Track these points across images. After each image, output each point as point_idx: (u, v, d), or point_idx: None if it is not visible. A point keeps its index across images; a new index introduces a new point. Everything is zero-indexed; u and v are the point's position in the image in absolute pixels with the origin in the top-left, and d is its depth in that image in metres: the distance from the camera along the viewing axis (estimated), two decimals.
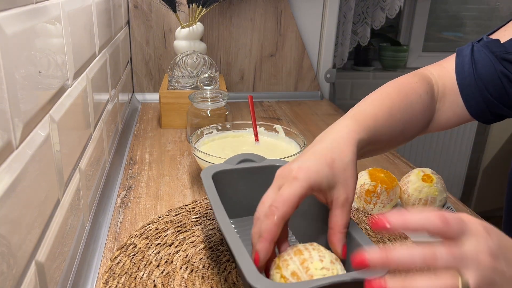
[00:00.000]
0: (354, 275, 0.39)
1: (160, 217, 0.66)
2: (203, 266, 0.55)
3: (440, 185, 0.68)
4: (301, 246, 0.44)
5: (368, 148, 0.52)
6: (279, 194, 0.42)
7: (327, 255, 0.43)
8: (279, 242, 0.46)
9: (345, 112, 0.54)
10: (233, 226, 0.60)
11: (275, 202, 0.42)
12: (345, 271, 0.43)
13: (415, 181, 0.68)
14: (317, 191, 0.44)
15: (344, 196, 0.44)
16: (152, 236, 0.61)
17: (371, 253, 0.35)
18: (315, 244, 0.44)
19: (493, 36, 0.61)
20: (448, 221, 0.36)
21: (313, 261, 0.41)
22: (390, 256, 0.35)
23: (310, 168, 0.43)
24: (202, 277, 0.53)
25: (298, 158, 0.47)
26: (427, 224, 0.36)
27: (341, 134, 0.48)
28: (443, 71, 0.63)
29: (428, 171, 0.69)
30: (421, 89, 0.59)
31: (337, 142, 0.47)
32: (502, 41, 0.59)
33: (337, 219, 0.44)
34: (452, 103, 0.62)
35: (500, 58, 0.58)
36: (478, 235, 0.36)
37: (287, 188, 0.42)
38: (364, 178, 0.69)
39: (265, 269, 0.45)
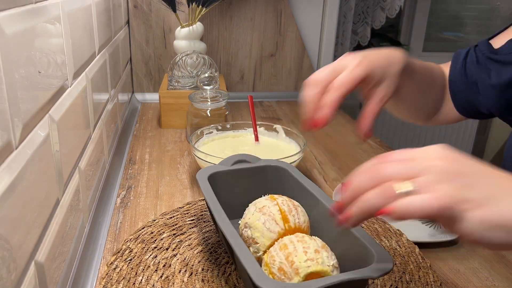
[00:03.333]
0: (358, 274, 0.40)
1: (155, 220, 0.65)
2: (202, 269, 0.55)
3: None
4: (286, 240, 0.45)
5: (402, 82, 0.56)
6: (348, 73, 0.50)
7: (312, 245, 0.44)
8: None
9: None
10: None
11: (343, 78, 0.50)
12: (333, 257, 0.44)
13: None
14: (367, 81, 0.51)
15: (384, 92, 0.52)
16: (147, 240, 0.60)
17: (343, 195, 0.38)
18: (300, 235, 0.46)
19: (492, 41, 0.63)
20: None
21: (297, 254, 0.43)
22: (352, 186, 0.37)
23: (374, 62, 0.51)
24: (202, 280, 0.53)
25: (363, 52, 0.52)
26: (361, 181, 0.37)
27: (398, 51, 0.55)
28: (448, 68, 0.69)
29: None
30: (442, 74, 0.66)
31: (395, 53, 0.54)
32: (498, 46, 0.61)
33: (373, 107, 0.52)
34: (449, 97, 0.67)
35: (485, 57, 0.61)
36: (427, 149, 0.38)
37: (354, 69, 0.50)
38: None
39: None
